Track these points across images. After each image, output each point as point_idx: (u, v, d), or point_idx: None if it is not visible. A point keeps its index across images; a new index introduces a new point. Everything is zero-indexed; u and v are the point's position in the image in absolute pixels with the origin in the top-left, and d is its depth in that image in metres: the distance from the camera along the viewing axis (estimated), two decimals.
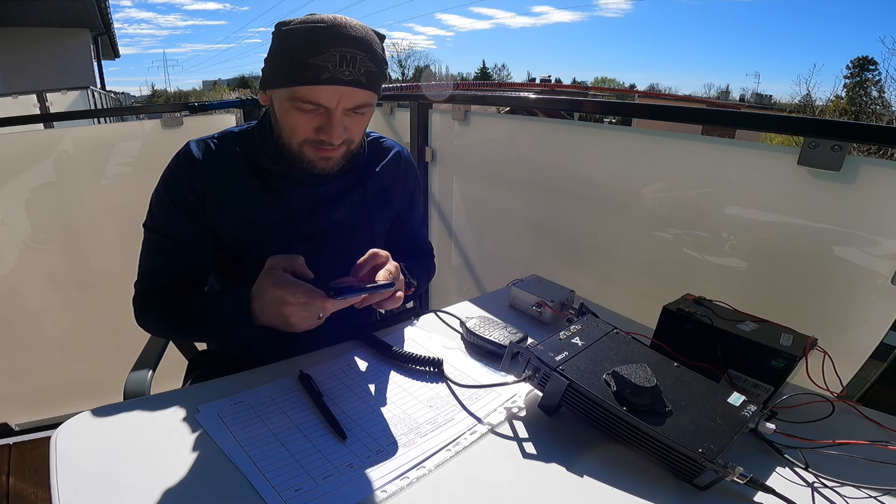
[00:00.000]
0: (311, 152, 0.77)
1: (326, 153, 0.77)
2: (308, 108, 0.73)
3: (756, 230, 1.01)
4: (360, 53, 0.71)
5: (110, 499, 0.48)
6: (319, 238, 0.86)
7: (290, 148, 0.78)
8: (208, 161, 0.82)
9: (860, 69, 18.19)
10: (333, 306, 0.64)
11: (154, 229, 0.83)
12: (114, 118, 4.05)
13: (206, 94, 40.91)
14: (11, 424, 1.65)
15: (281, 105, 0.75)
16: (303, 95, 0.72)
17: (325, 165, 0.79)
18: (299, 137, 0.76)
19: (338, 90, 0.71)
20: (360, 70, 0.71)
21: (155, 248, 0.84)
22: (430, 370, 0.71)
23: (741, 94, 34.32)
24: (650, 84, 56.08)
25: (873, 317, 0.86)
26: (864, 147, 4.82)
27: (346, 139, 0.77)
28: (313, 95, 0.71)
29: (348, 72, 0.70)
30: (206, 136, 0.86)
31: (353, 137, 0.79)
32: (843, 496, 0.52)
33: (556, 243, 1.44)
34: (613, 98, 20.31)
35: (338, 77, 0.70)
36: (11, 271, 1.57)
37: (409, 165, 0.98)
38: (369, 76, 0.72)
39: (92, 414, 0.59)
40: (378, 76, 0.75)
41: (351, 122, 0.76)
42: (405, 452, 0.55)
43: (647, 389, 0.55)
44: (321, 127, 0.74)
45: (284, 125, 0.77)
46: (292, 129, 0.76)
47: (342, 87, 0.71)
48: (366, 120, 0.80)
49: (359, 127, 0.79)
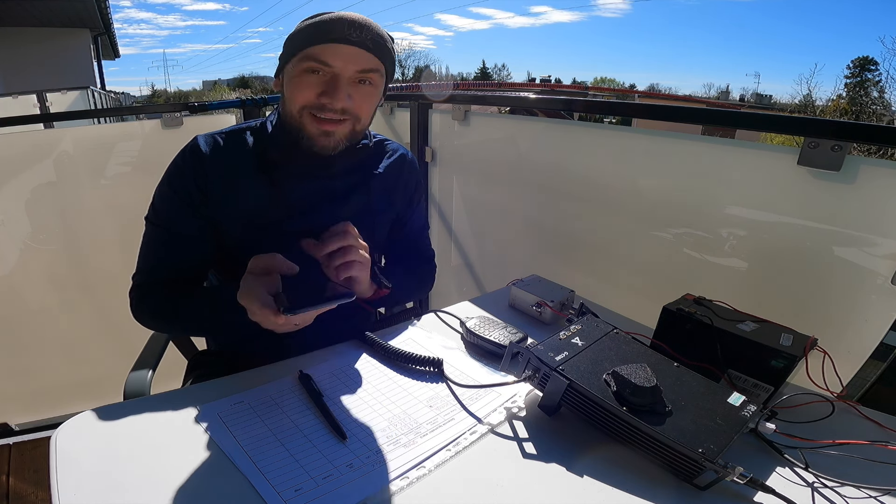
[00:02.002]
0: (312, 124, 0.77)
1: (327, 126, 0.76)
2: (315, 66, 0.74)
3: (756, 230, 1.01)
4: (367, 25, 0.74)
5: (110, 499, 0.48)
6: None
7: (291, 119, 0.78)
8: (214, 156, 0.82)
9: (861, 69, 18.19)
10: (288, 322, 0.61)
11: (155, 222, 0.83)
12: (114, 118, 4.05)
13: (206, 94, 40.91)
14: (11, 424, 1.65)
15: (289, 77, 0.77)
16: (313, 54, 0.74)
17: (325, 143, 0.78)
18: (300, 103, 0.76)
19: (344, 49, 0.73)
20: (368, 37, 0.73)
21: (155, 241, 0.84)
22: (430, 370, 0.71)
23: (741, 94, 34.33)
24: (650, 84, 56.11)
25: (873, 317, 0.86)
26: (864, 147, 4.82)
27: (350, 112, 0.77)
28: (322, 53, 0.73)
29: (356, 35, 0.73)
30: (214, 132, 0.86)
31: (359, 113, 0.78)
32: (843, 496, 0.52)
33: (556, 243, 1.44)
34: (613, 98, 20.31)
35: (345, 37, 0.72)
36: (11, 271, 1.57)
37: (412, 168, 0.98)
38: (377, 44, 0.75)
39: (92, 414, 0.59)
40: (385, 48, 0.77)
41: (356, 93, 0.77)
42: (405, 452, 0.55)
43: (647, 389, 0.55)
44: (325, 91, 0.75)
45: (289, 95, 0.78)
46: (295, 96, 0.76)
47: (349, 46, 0.73)
48: (372, 96, 0.80)
49: (364, 101, 0.78)
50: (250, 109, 1.67)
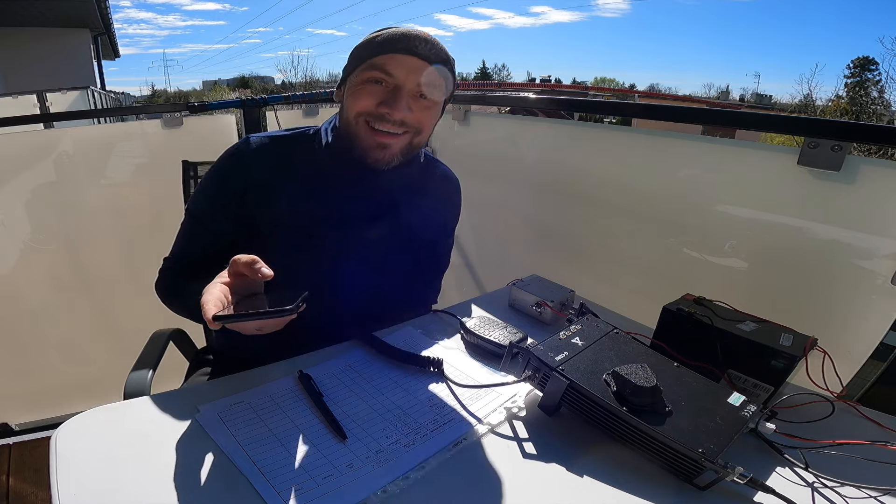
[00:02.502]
0: (368, 134, 0.76)
1: (384, 138, 0.76)
2: (378, 76, 0.74)
3: (756, 230, 1.01)
4: (435, 45, 0.75)
5: (110, 499, 0.48)
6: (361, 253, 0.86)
7: (347, 127, 0.78)
8: (262, 160, 0.81)
9: (861, 69, 18.18)
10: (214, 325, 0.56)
11: (192, 213, 0.84)
12: (114, 118, 4.05)
13: (207, 94, 40.90)
14: (11, 424, 1.65)
15: (351, 87, 0.77)
16: (379, 63, 0.73)
17: (380, 155, 0.77)
18: (358, 109, 0.75)
19: (410, 60, 0.73)
20: (433, 51, 0.74)
21: (189, 231, 0.85)
22: (430, 370, 0.71)
23: (741, 94, 34.32)
24: (650, 84, 56.12)
25: (873, 317, 0.86)
26: (865, 147, 4.82)
27: (409, 125, 0.76)
28: (387, 62, 0.73)
29: (423, 48, 0.73)
30: (267, 134, 0.85)
31: (419, 126, 0.78)
32: (843, 496, 0.52)
33: (556, 243, 1.44)
34: (613, 98, 20.31)
35: (412, 49, 0.73)
36: (11, 271, 1.57)
37: (456, 197, 0.99)
38: (442, 61, 0.75)
39: (92, 414, 0.59)
40: (449, 68, 0.77)
41: (417, 106, 0.76)
42: (405, 452, 0.55)
43: (647, 389, 0.55)
44: (385, 100, 0.74)
45: (348, 103, 0.77)
46: (354, 103, 0.76)
47: (415, 58, 0.73)
48: (433, 111, 0.79)
49: (424, 115, 0.78)
50: (250, 109, 1.67)
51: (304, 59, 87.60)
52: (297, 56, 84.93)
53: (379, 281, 0.91)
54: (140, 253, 1.66)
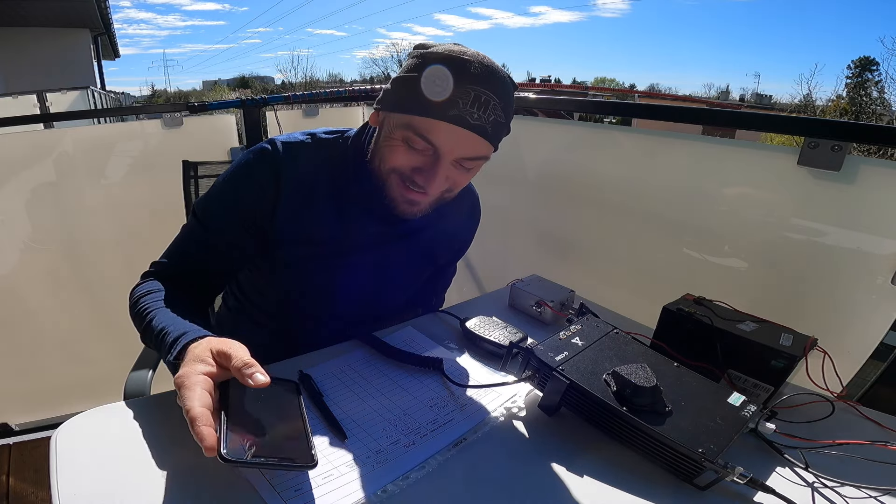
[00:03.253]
0: (398, 188, 0.69)
1: (414, 196, 0.69)
2: (418, 143, 0.64)
3: (756, 230, 1.01)
4: (494, 99, 0.63)
5: (110, 499, 0.48)
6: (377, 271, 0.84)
7: (377, 174, 0.71)
8: (292, 170, 0.74)
9: (861, 69, 18.18)
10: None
11: (202, 220, 0.75)
12: (114, 118, 4.05)
13: (207, 94, 40.90)
14: (11, 424, 1.65)
15: (389, 132, 0.68)
16: (418, 127, 0.64)
17: (407, 210, 0.71)
18: (391, 165, 0.68)
19: (458, 133, 0.63)
20: (490, 117, 0.63)
21: (192, 237, 0.77)
22: (430, 370, 0.71)
23: (741, 94, 34.29)
24: (650, 84, 56.10)
25: (873, 317, 0.86)
26: (864, 147, 4.82)
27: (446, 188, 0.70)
28: (429, 130, 0.63)
29: (477, 115, 0.62)
30: (292, 138, 0.76)
31: (453, 189, 0.71)
32: (843, 496, 0.52)
33: (556, 243, 1.44)
34: (613, 98, 20.30)
35: (465, 118, 0.62)
36: (11, 271, 1.57)
37: (474, 221, 0.96)
38: (496, 127, 0.65)
39: (92, 414, 0.59)
40: (503, 130, 0.68)
41: (456, 175, 0.69)
42: (406, 452, 0.55)
43: (647, 389, 0.55)
44: (421, 168, 0.66)
45: (382, 152, 0.69)
46: (387, 157, 0.68)
47: (465, 130, 0.63)
48: (471, 175, 0.72)
49: (464, 179, 0.71)
50: (250, 109, 1.68)
51: (303, 59, 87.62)
52: (297, 56, 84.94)
53: (390, 296, 0.92)
54: (140, 253, 1.65)
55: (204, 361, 0.52)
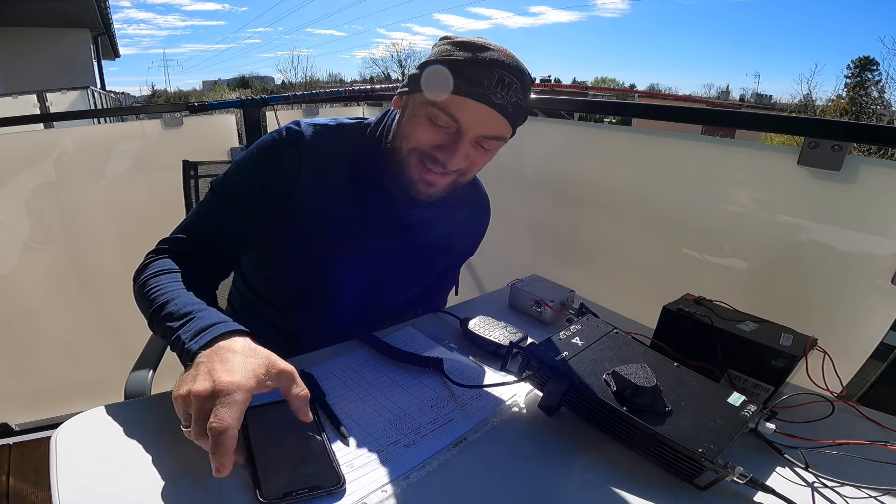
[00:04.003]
0: (417, 169, 0.72)
1: (433, 177, 0.72)
2: (442, 119, 0.67)
3: (756, 230, 1.01)
4: (517, 82, 0.67)
5: (110, 499, 0.48)
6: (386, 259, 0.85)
7: (398, 154, 0.73)
8: (316, 148, 0.76)
9: (861, 69, 18.18)
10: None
11: (219, 194, 0.77)
12: (114, 118, 4.05)
13: (207, 94, 40.89)
14: (11, 424, 1.65)
15: (413, 110, 0.70)
16: (445, 104, 0.67)
17: (425, 190, 0.74)
18: (413, 144, 0.71)
19: (483, 110, 0.66)
20: (512, 98, 0.67)
21: (208, 210, 0.77)
22: (430, 370, 0.71)
23: (741, 94, 34.29)
24: (650, 84, 56.09)
25: (873, 317, 0.86)
26: (865, 147, 4.82)
27: (463, 168, 0.72)
28: (457, 106, 0.66)
29: (500, 94, 0.66)
30: (319, 121, 0.80)
31: (469, 170, 0.74)
32: (843, 496, 0.52)
33: (556, 243, 1.44)
34: (613, 98, 20.30)
35: (489, 96, 0.65)
36: (11, 271, 1.57)
37: (486, 220, 0.98)
38: (517, 109, 0.69)
39: (92, 414, 0.59)
40: (522, 114, 0.71)
41: (475, 155, 0.71)
42: (406, 452, 0.55)
43: (647, 389, 0.55)
44: (443, 145, 0.69)
45: (404, 130, 0.72)
46: (410, 135, 0.71)
47: (489, 108, 0.66)
48: (490, 156, 0.75)
49: (481, 161, 0.74)
50: (250, 109, 1.68)
51: (303, 59, 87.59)
52: (297, 56, 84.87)
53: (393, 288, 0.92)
54: (140, 253, 1.65)
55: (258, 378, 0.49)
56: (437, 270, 0.95)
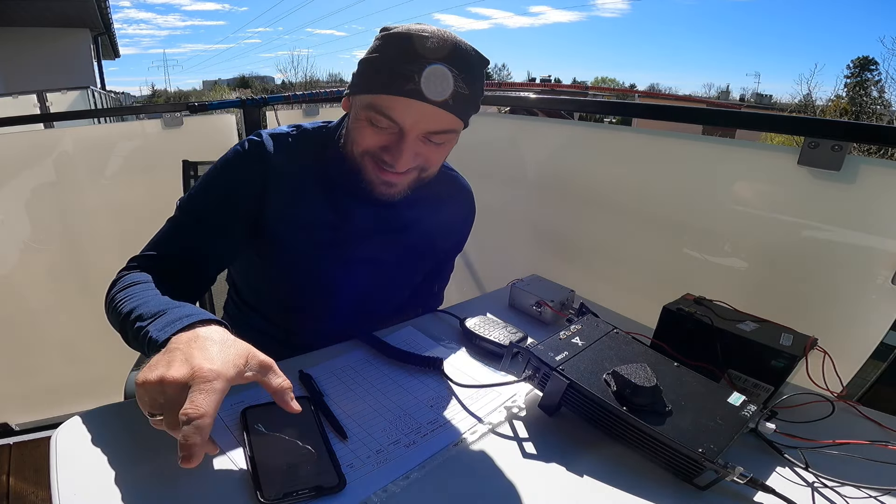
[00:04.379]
0: (373, 171, 0.70)
1: (389, 177, 0.70)
2: (381, 122, 0.65)
3: (756, 230, 1.01)
4: (453, 71, 0.63)
5: (110, 499, 0.47)
6: (375, 265, 0.84)
7: (352, 158, 0.71)
8: (279, 158, 0.74)
9: (861, 69, 18.17)
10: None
11: (186, 210, 0.75)
12: (114, 118, 4.05)
13: (207, 94, 40.91)
14: (11, 424, 1.65)
15: (356, 113, 0.69)
16: (379, 105, 0.64)
17: (386, 191, 0.72)
18: (361, 147, 0.69)
19: (418, 107, 0.63)
20: (449, 90, 0.63)
21: (176, 227, 0.75)
22: (430, 370, 0.71)
23: (741, 94, 34.32)
24: (650, 84, 56.11)
25: (873, 317, 0.86)
26: (865, 147, 4.81)
27: (418, 166, 0.70)
28: (389, 107, 0.64)
29: (437, 90, 0.62)
30: (279, 130, 0.78)
31: (427, 165, 0.71)
32: (843, 496, 0.52)
33: (556, 243, 1.44)
34: (613, 98, 20.29)
35: (420, 91, 0.62)
36: (11, 271, 1.57)
37: (470, 218, 0.96)
38: (458, 99, 0.64)
39: (92, 414, 0.59)
40: (468, 102, 0.66)
41: (426, 150, 0.69)
42: (406, 452, 0.55)
43: (647, 389, 0.55)
44: (388, 146, 0.67)
45: (352, 134, 0.70)
46: (356, 140, 0.69)
47: (424, 103, 0.63)
48: (445, 149, 0.72)
49: (436, 156, 0.71)
50: (250, 109, 1.67)
51: (303, 59, 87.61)
52: (297, 56, 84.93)
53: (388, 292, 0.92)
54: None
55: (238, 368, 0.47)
56: (426, 269, 0.94)
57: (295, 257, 0.80)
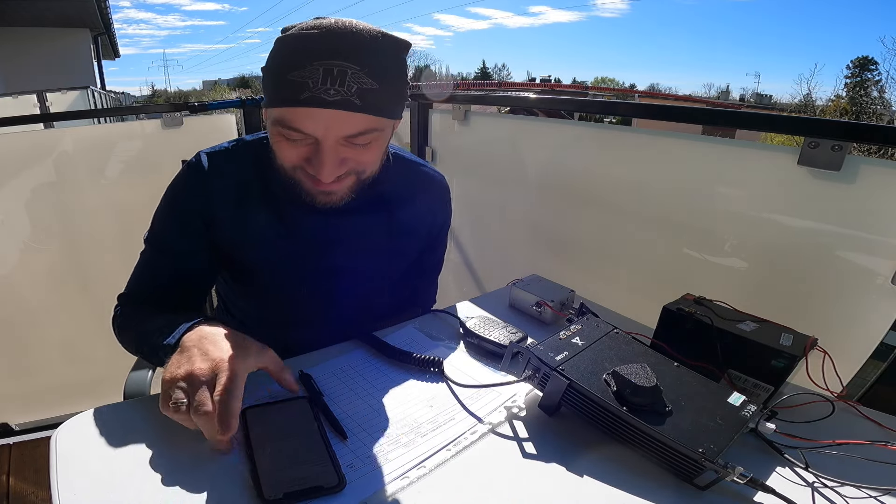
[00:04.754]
0: (308, 182, 0.66)
1: (325, 187, 0.66)
2: (292, 135, 0.61)
3: (756, 230, 1.01)
4: (351, 67, 0.57)
5: (110, 499, 0.48)
6: (346, 273, 0.82)
7: (284, 173, 0.68)
8: (219, 176, 0.74)
9: (860, 69, 18.17)
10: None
11: (152, 243, 0.78)
12: (114, 118, 4.05)
13: (207, 93, 40.91)
14: (11, 424, 1.65)
15: (269, 128, 0.64)
16: (284, 119, 0.60)
17: (327, 200, 0.68)
18: (287, 163, 0.66)
19: (321, 114, 0.58)
20: (352, 88, 0.57)
21: (149, 262, 0.79)
22: (430, 370, 0.71)
23: (741, 94, 34.34)
24: (650, 84, 56.21)
25: (873, 317, 0.86)
26: (865, 147, 4.82)
27: (351, 170, 0.66)
28: (293, 119, 0.60)
29: (334, 91, 0.57)
30: (218, 147, 0.76)
31: (359, 167, 0.67)
32: (843, 496, 0.52)
33: (556, 243, 1.44)
34: (613, 98, 20.29)
35: (320, 97, 0.57)
36: (11, 271, 1.57)
37: (445, 198, 0.91)
38: (366, 95, 0.58)
39: (92, 414, 0.59)
40: (381, 95, 0.60)
41: (353, 153, 0.64)
42: (405, 452, 0.55)
43: (647, 389, 0.55)
44: (309, 157, 0.63)
45: (275, 150, 0.66)
46: (279, 155, 0.66)
47: (326, 109, 0.58)
48: (375, 149, 0.66)
49: (366, 157, 0.66)
50: (250, 109, 1.67)
51: None
52: None
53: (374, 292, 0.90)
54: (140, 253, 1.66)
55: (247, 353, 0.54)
56: (402, 268, 0.91)
57: (259, 275, 0.79)
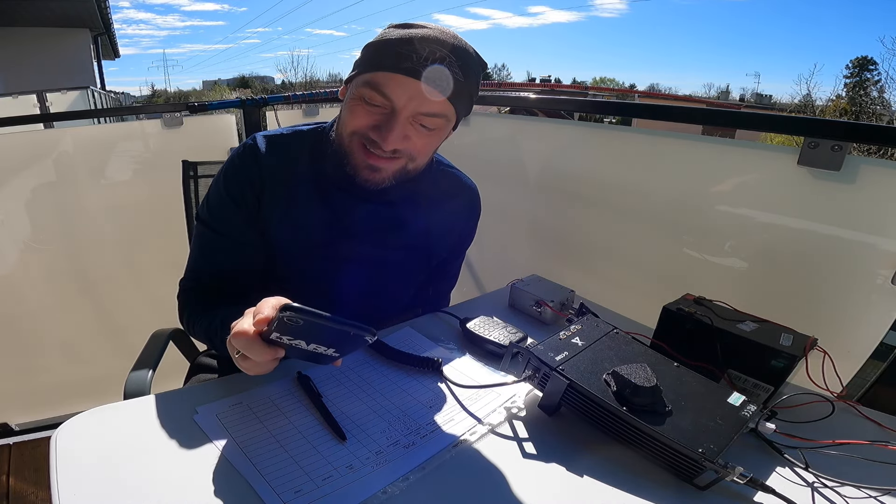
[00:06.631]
0: (360, 153, 0.70)
1: (375, 161, 0.70)
2: (375, 98, 0.66)
3: (756, 230, 1.01)
4: (451, 56, 0.65)
5: (110, 499, 0.48)
6: (374, 264, 0.83)
7: (340, 141, 0.72)
8: (273, 160, 0.77)
9: (860, 69, 18.16)
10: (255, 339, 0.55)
11: (206, 222, 0.79)
12: (114, 118, 4.05)
13: (207, 94, 40.86)
14: (11, 424, 1.65)
15: (351, 93, 0.70)
16: (375, 82, 0.66)
17: (371, 176, 0.72)
18: (351, 127, 0.70)
19: (413, 85, 0.65)
20: (446, 72, 0.65)
21: (204, 243, 0.80)
22: (429, 371, 0.71)
23: (741, 94, 34.30)
24: (650, 84, 56.12)
25: (873, 317, 0.86)
26: (865, 147, 4.81)
27: (403, 151, 0.70)
28: (385, 83, 0.65)
29: (432, 69, 0.64)
30: (274, 131, 0.80)
31: (414, 153, 0.71)
32: (843, 496, 0.52)
33: (556, 243, 1.44)
34: (613, 98, 20.28)
35: (418, 70, 0.64)
36: (11, 271, 1.57)
37: (474, 217, 0.94)
38: (454, 86, 0.66)
39: (92, 414, 0.59)
40: (463, 91, 0.68)
41: (416, 135, 0.69)
42: (405, 453, 0.55)
43: (647, 389, 0.55)
44: (379, 125, 0.67)
45: (344, 116, 0.72)
46: (348, 120, 0.70)
47: (419, 82, 0.64)
48: (434, 138, 0.72)
49: (423, 142, 0.71)
50: (250, 109, 1.68)
51: (303, 59, 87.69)
52: (297, 56, 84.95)
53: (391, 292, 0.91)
54: (140, 253, 1.67)
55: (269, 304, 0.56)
56: (428, 268, 0.93)
57: (293, 258, 0.80)
